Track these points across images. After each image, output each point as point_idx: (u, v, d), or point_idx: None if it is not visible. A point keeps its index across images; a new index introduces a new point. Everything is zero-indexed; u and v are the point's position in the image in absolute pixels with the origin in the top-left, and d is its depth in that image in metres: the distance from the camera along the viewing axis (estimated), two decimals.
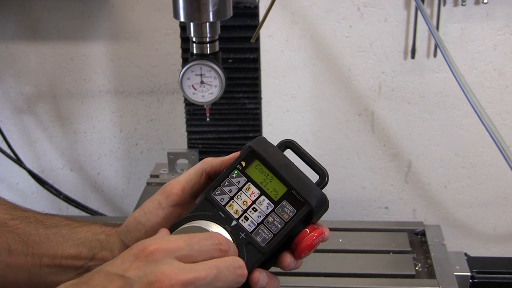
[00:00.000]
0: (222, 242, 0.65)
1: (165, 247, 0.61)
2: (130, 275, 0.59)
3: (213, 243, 0.64)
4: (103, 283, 0.60)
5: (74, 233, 0.79)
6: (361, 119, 1.70)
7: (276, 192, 0.70)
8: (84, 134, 1.79)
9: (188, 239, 0.63)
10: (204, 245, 0.63)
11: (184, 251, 0.62)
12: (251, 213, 0.70)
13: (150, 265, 0.60)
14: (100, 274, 0.61)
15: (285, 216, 0.69)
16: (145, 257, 0.60)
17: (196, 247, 0.63)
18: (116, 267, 0.61)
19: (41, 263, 0.77)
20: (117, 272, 0.60)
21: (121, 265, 0.61)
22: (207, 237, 0.64)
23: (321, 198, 0.70)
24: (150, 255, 0.60)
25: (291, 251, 0.70)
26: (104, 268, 0.62)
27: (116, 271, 0.60)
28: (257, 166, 0.71)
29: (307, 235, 0.69)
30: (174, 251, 0.61)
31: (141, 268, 0.60)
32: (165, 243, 0.62)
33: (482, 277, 1.30)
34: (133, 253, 0.61)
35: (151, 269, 0.59)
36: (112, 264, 0.62)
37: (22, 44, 1.71)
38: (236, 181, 0.71)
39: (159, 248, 0.61)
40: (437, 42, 1.32)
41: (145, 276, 0.59)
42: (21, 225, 0.80)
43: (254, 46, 1.39)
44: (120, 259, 0.61)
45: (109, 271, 0.61)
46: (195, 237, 0.64)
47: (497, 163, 1.70)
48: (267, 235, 0.69)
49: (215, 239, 0.65)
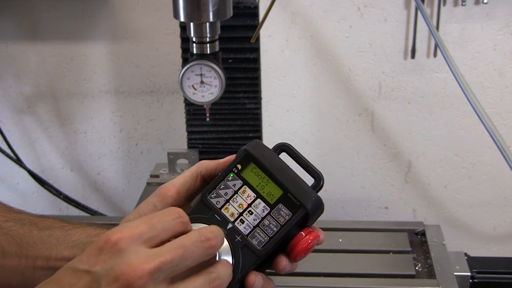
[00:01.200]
0: (181, 214, 0.64)
1: (128, 234, 0.60)
2: (97, 269, 0.58)
3: (173, 217, 0.63)
4: (71, 280, 0.59)
5: (68, 235, 0.79)
6: (361, 119, 1.70)
7: (272, 195, 0.70)
8: (84, 134, 1.80)
9: (149, 220, 0.62)
10: (166, 221, 0.62)
11: (147, 233, 0.61)
12: (247, 216, 0.70)
13: (116, 257, 0.59)
14: (68, 271, 0.60)
15: (281, 219, 0.69)
16: (109, 249, 0.59)
17: (159, 226, 0.62)
18: (83, 262, 0.60)
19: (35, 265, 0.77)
20: (84, 267, 0.59)
21: (87, 260, 0.60)
22: (166, 213, 0.63)
23: (316, 202, 0.70)
24: (114, 246, 0.59)
25: (287, 254, 0.69)
26: (71, 264, 0.61)
27: (82, 267, 0.59)
28: (252, 169, 0.71)
29: (302, 238, 0.69)
30: (138, 236, 0.60)
31: (106, 261, 0.59)
32: (127, 230, 0.60)
33: (482, 277, 1.30)
34: (98, 246, 0.60)
35: (116, 261, 0.58)
36: (79, 259, 0.61)
37: (22, 44, 1.71)
38: (232, 184, 0.71)
39: (122, 237, 0.59)
40: (437, 42, 1.32)
41: (111, 270, 0.58)
42: (15, 227, 0.79)
43: (254, 46, 1.39)
44: (86, 254, 0.60)
45: (76, 268, 0.60)
46: (155, 216, 0.63)
47: (497, 163, 1.70)
48: (263, 238, 0.69)
49: (174, 213, 0.63)
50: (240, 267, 0.67)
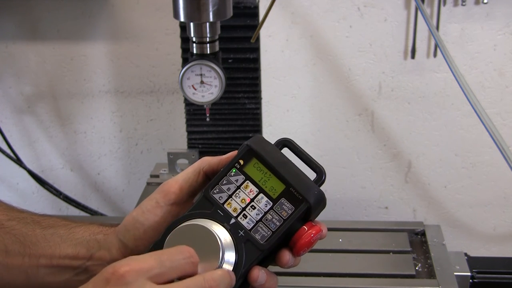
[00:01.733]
0: (193, 254, 0.64)
1: (136, 267, 0.60)
2: None
3: (184, 257, 0.63)
4: None
5: (71, 233, 0.79)
6: (361, 119, 1.70)
7: (274, 190, 0.70)
8: (84, 134, 1.80)
9: (159, 256, 0.62)
10: (175, 260, 0.63)
11: (155, 269, 0.61)
12: (250, 211, 0.70)
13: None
14: None
15: (284, 214, 0.69)
16: (116, 280, 0.59)
17: (167, 263, 0.62)
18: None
19: (38, 263, 0.77)
20: None
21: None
22: (178, 252, 0.64)
23: (319, 196, 0.70)
24: (121, 278, 0.59)
25: (290, 249, 0.70)
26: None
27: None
28: (255, 165, 0.71)
29: (305, 233, 0.69)
30: (145, 271, 0.60)
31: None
32: (135, 263, 0.61)
33: (482, 277, 1.30)
34: (105, 277, 0.60)
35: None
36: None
37: (22, 44, 1.71)
38: (234, 179, 0.71)
39: (129, 270, 0.60)
40: (437, 42, 1.32)
41: None
42: (18, 225, 0.80)
43: (254, 46, 1.39)
44: (92, 284, 0.61)
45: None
46: (165, 253, 0.63)
47: (497, 163, 1.70)
48: (265, 232, 0.69)
49: (186, 252, 0.64)
50: (243, 262, 0.68)
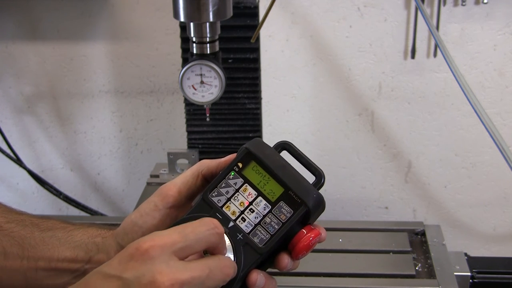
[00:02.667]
0: (217, 225, 0.64)
1: (160, 243, 0.60)
2: (127, 276, 0.59)
3: (207, 228, 0.63)
4: (101, 285, 0.59)
5: (70, 236, 0.79)
6: (361, 119, 1.70)
7: (273, 193, 0.70)
8: (84, 134, 1.80)
9: (183, 229, 0.63)
10: (200, 232, 0.63)
11: (180, 243, 0.61)
12: (248, 214, 0.70)
13: (147, 264, 0.59)
14: (98, 275, 0.61)
15: (282, 217, 0.69)
16: (140, 256, 0.60)
17: (192, 236, 0.62)
18: (113, 268, 0.60)
19: (37, 266, 0.77)
20: (114, 273, 0.60)
21: (118, 266, 0.60)
22: (201, 224, 0.64)
23: (318, 199, 0.70)
24: (145, 253, 0.60)
25: (288, 252, 0.70)
26: (101, 269, 0.61)
27: (113, 272, 0.60)
28: (253, 168, 0.71)
29: (304, 236, 0.69)
30: (170, 245, 0.61)
31: (137, 268, 0.59)
32: (159, 238, 0.61)
33: (482, 277, 1.30)
34: (129, 253, 0.60)
35: (148, 268, 0.59)
36: (109, 265, 0.61)
37: (22, 44, 1.71)
38: (233, 183, 0.71)
39: (154, 245, 0.60)
40: (437, 42, 1.32)
41: (142, 276, 0.58)
42: (17, 228, 0.79)
43: (254, 46, 1.39)
44: (116, 260, 0.61)
45: (106, 273, 0.60)
46: (189, 226, 0.63)
47: (497, 163, 1.70)
48: (264, 236, 0.69)
49: (210, 223, 0.64)
50: (241, 265, 0.67)
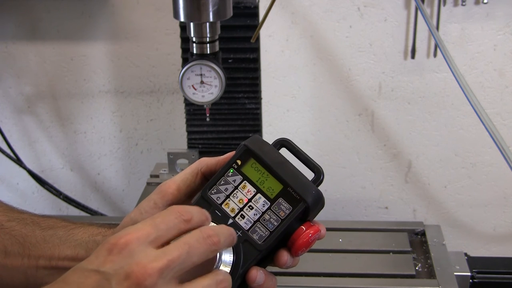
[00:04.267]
0: (182, 212, 0.65)
1: (135, 235, 0.61)
2: (106, 269, 0.60)
3: (175, 216, 0.64)
4: (79, 279, 0.60)
5: (70, 234, 0.79)
6: (361, 119, 1.70)
7: (272, 190, 0.70)
8: (84, 134, 1.80)
9: (153, 220, 0.63)
10: (169, 220, 0.63)
11: (153, 234, 0.62)
12: (247, 211, 0.70)
13: (125, 257, 0.60)
14: (76, 271, 0.61)
15: (281, 214, 0.69)
16: (118, 250, 0.60)
17: (162, 226, 0.63)
18: (91, 262, 0.61)
19: (37, 264, 0.77)
20: (92, 267, 0.60)
21: (96, 260, 0.61)
22: (168, 213, 0.64)
23: (317, 195, 0.70)
24: (123, 247, 0.60)
25: (288, 249, 0.70)
26: (80, 265, 0.62)
27: (91, 267, 0.60)
28: (252, 165, 0.71)
29: (303, 233, 0.69)
30: (145, 237, 0.61)
31: (115, 261, 0.60)
32: (134, 232, 0.62)
33: (482, 277, 1.30)
34: (107, 248, 0.61)
35: (126, 261, 0.60)
36: (87, 260, 0.62)
37: (22, 44, 1.71)
38: (232, 180, 0.71)
39: (130, 238, 0.61)
40: (437, 42, 1.32)
41: (121, 269, 0.59)
42: (18, 226, 0.80)
43: (254, 46, 1.39)
44: (94, 255, 0.62)
45: (84, 267, 0.61)
46: (158, 216, 0.64)
47: (497, 163, 1.70)
48: (263, 232, 0.69)
49: (176, 212, 0.64)
50: (241, 262, 0.68)
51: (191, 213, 0.65)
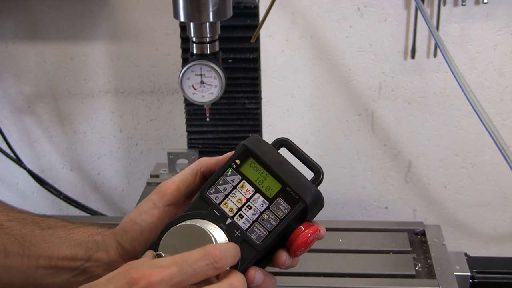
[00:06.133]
0: (217, 259, 0.63)
1: (158, 277, 0.60)
2: None
3: (208, 262, 0.63)
4: None
5: (70, 234, 0.79)
6: (361, 119, 1.70)
7: (271, 190, 0.70)
8: (84, 134, 1.80)
9: (181, 262, 0.62)
10: (198, 267, 0.62)
11: (177, 277, 0.61)
12: (246, 210, 0.70)
13: None
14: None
15: (280, 214, 0.69)
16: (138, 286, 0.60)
17: (189, 270, 0.62)
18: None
19: (37, 264, 0.77)
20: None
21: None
22: (202, 258, 0.63)
23: (315, 195, 0.70)
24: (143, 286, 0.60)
25: (287, 249, 0.70)
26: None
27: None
28: (251, 164, 0.71)
29: (302, 232, 0.69)
30: (167, 280, 0.60)
31: None
32: (158, 272, 0.61)
33: (482, 277, 1.30)
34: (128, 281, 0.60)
35: None
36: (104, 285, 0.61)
37: (22, 44, 1.71)
38: (230, 179, 0.71)
39: (152, 281, 0.60)
40: (437, 42, 1.32)
41: None
42: (17, 226, 0.80)
43: (254, 46, 1.39)
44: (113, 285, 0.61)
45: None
46: (188, 259, 0.63)
47: (497, 163, 1.70)
48: (262, 232, 0.69)
49: (210, 258, 0.63)
50: (239, 263, 0.67)
51: (226, 259, 0.64)
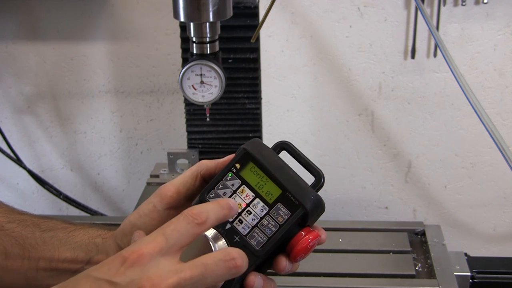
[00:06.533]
0: (195, 215, 0.63)
1: (147, 249, 0.61)
2: (118, 280, 0.59)
3: (188, 221, 0.63)
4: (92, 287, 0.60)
5: (70, 236, 0.79)
6: (361, 119, 1.70)
7: (271, 195, 0.69)
8: (84, 134, 1.80)
9: (164, 230, 0.63)
10: (180, 228, 0.63)
11: (164, 245, 0.61)
12: (246, 216, 0.69)
13: (137, 271, 0.60)
14: (88, 279, 0.61)
15: (280, 219, 0.68)
16: (130, 263, 0.60)
17: (174, 234, 0.62)
18: (103, 272, 0.61)
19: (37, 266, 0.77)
20: (105, 277, 0.60)
21: (108, 271, 0.61)
22: (181, 219, 0.63)
23: (316, 201, 0.69)
24: (135, 261, 0.60)
25: (287, 254, 0.69)
26: (91, 273, 0.61)
27: (103, 277, 0.60)
28: (251, 169, 0.71)
29: (302, 238, 0.68)
30: (158, 250, 0.61)
31: (127, 274, 0.60)
32: (145, 245, 0.61)
33: (482, 277, 1.30)
34: (120, 260, 0.61)
35: (137, 275, 0.60)
36: (99, 270, 0.61)
37: (22, 44, 1.71)
38: (230, 184, 0.71)
39: (142, 253, 0.61)
40: (437, 42, 1.32)
41: (132, 282, 0.59)
42: (18, 228, 0.80)
43: (254, 46, 1.39)
44: (106, 266, 0.61)
45: (96, 277, 0.61)
46: (170, 224, 0.63)
47: (497, 163, 1.70)
48: (261, 238, 0.68)
49: (188, 216, 0.63)
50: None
51: (205, 213, 0.64)
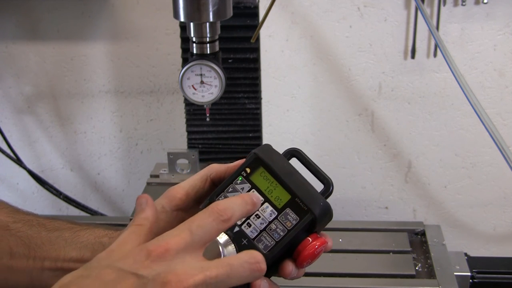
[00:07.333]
0: (221, 212, 0.64)
1: (173, 244, 0.61)
2: (144, 273, 0.59)
3: (213, 218, 0.63)
4: (116, 279, 0.59)
5: (76, 236, 0.79)
6: (361, 119, 1.70)
7: (280, 200, 0.70)
8: (84, 134, 1.80)
9: (189, 225, 0.63)
10: (205, 224, 0.63)
11: (191, 241, 0.62)
12: (254, 219, 0.70)
13: (163, 265, 0.60)
14: (112, 270, 0.60)
15: (288, 224, 0.69)
16: (156, 257, 0.60)
17: (199, 231, 0.62)
18: (129, 265, 0.60)
19: (43, 266, 0.77)
20: (130, 269, 0.60)
21: (133, 263, 0.60)
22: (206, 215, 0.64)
23: (325, 207, 0.70)
24: (161, 255, 0.60)
25: (293, 260, 0.69)
26: (115, 264, 0.61)
27: (129, 269, 0.60)
28: (261, 173, 0.71)
29: (309, 244, 0.69)
30: (183, 246, 0.61)
31: (153, 267, 0.60)
32: (171, 238, 0.62)
33: (482, 277, 1.30)
34: (145, 253, 0.61)
35: (163, 268, 0.60)
36: (123, 261, 0.61)
37: (22, 44, 1.71)
38: (240, 188, 0.71)
39: (167, 247, 0.61)
40: (437, 42, 1.32)
41: (158, 276, 0.59)
42: (23, 228, 0.80)
43: (254, 46, 1.39)
44: (131, 258, 0.61)
45: (121, 268, 0.60)
46: (195, 220, 0.63)
47: (497, 163, 1.70)
48: (269, 242, 0.68)
49: (214, 212, 0.64)
50: None
51: (231, 209, 0.64)
